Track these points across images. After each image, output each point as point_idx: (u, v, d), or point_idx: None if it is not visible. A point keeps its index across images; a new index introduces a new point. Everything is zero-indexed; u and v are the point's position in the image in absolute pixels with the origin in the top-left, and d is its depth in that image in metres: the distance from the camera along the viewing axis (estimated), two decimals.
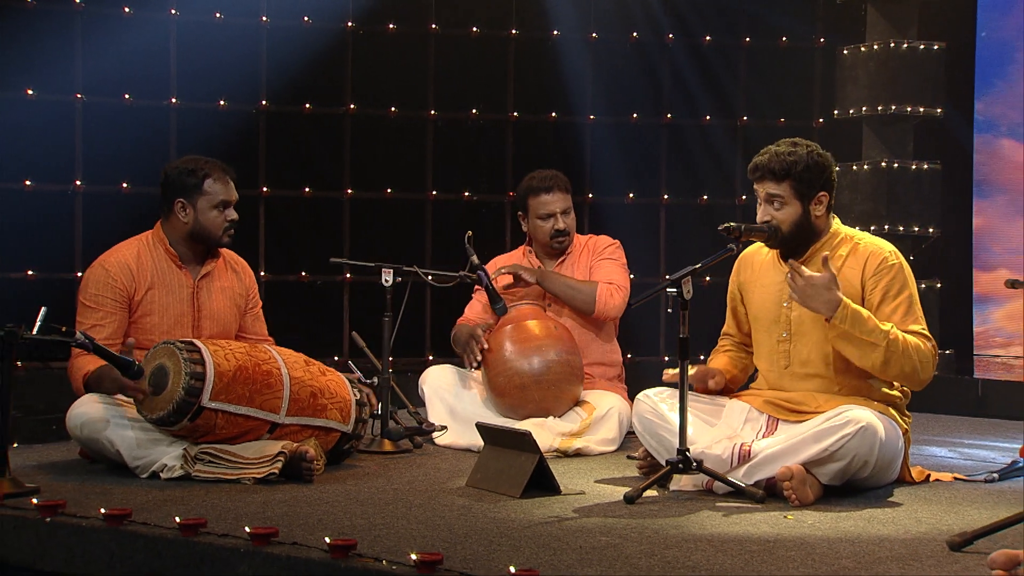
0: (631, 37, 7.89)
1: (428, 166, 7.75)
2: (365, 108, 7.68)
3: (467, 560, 3.39)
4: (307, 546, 3.52)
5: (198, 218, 4.89)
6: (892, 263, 4.46)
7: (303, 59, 7.61)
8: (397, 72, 7.76)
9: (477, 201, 7.78)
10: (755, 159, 4.56)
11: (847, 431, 4.18)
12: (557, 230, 5.67)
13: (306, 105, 7.62)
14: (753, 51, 8.04)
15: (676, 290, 4.29)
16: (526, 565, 3.28)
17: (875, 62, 7.78)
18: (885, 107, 7.74)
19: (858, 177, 7.81)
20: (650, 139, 7.93)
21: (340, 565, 3.41)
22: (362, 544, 3.49)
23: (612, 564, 3.39)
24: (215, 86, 7.53)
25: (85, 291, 4.83)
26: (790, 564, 3.40)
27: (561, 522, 3.92)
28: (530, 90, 7.84)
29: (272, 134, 7.63)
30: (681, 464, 4.24)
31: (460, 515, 3.99)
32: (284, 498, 4.22)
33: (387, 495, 4.32)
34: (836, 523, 3.91)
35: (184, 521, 3.67)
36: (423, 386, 5.49)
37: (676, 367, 4.53)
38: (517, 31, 7.79)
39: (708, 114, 7.96)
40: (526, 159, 7.81)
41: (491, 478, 4.42)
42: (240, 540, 3.57)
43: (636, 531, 3.78)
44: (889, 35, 7.83)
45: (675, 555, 3.48)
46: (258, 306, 5.19)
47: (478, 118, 7.78)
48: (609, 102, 7.88)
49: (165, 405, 4.41)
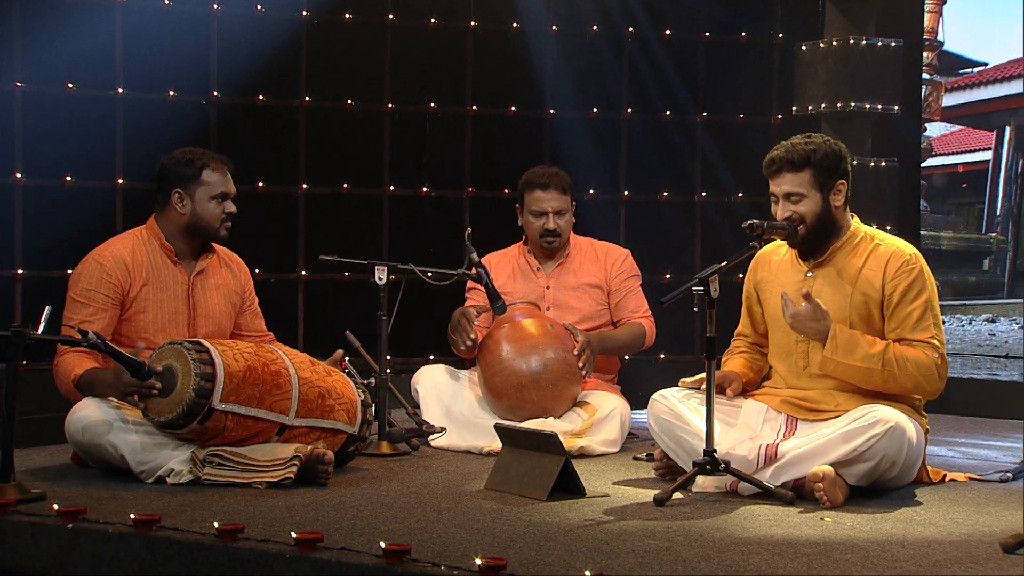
0: (590, 31, 7.89)
1: (385, 160, 7.66)
2: (320, 101, 7.56)
3: (526, 564, 3.37)
4: (357, 551, 3.49)
5: (195, 209, 4.82)
6: (913, 266, 4.51)
7: (256, 49, 7.46)
8: (353, 64, 7.65)
9: (435, 197, 7.71)
10: (770, 154, 4.60)
11: (876, 431, 4.23)
12: (547, 230, 5.66)
13: (259, 97, 7.48)
14: (712, 46, 8.08)
15: (703, 289, 4.30)
16: (585, 569, 3.28)
17: (834, 59, 7.87)
18: (844, 104, 7.83)
19: None
20: (610, 134, 7.93)
21: (396, 571, 3.37)
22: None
23: (674, 567, 3.40)
24: (164, 76, 7.36)
25: (76, 286, 4.73)
26: (851, 567, 3.44)
27: (600, 525, 3.92)
28: (489, 83, 7.79)
29: (223, 126, 7.47)
30: (708, 466, 4.25)
31: (494, 518, 3.97)
32: (306, 502, 4.18)
33: (408, 499, 4.30)
34: (876, 525, 3.96)
35: (223, 526, 3.61)
36: (417, 386, 5.45)
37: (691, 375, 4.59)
38: (476, 23, 7.74)
39: (668, 109, 7.98)
40: (484, 154, 7.79)
41: (513, 480, 4.40)
42: (284, 545, 3.53)
43: (681, 534, 3.79)
44: (848, 32, 7.93)
45: (733, 559, 3.50)
46: (255, 302, 5.14)
47: (436, 111, 7.71)
48: (569, 96, 7.86)
49: (174, 407, 4.32)
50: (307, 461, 4.40)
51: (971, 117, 9.69)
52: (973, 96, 9.57)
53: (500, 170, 7.77)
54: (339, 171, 7.62)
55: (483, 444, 5.20)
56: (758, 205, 8.08)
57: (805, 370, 4.60)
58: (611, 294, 5.67)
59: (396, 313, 5.28)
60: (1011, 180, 9.39)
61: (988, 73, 9.51)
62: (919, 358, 4.38)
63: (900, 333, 4.46)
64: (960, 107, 9.57)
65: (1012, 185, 9.37)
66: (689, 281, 4.34)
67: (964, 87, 9.58)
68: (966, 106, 9.60)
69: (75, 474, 4.63)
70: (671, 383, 4.81)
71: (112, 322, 4.71)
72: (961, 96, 9.63)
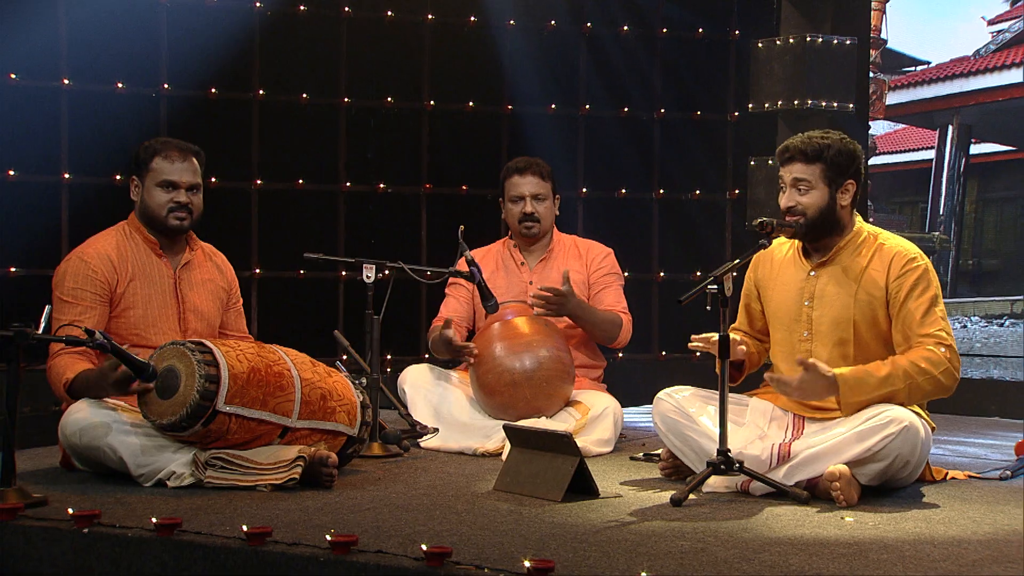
0: (548, 25, 7.89)
1: (341, 156, 7.59)
2: (274, 95, 7.47)
3: (569, 566, 3.37)
4: (395, 554, 3.46)
5: (144, 197, 4.79)
6: (918, 264, 4.56)
7: (207, 41, 7.35)
8: (308, 57, 7.57)
9: (392, 193, 7.66)
10: (786, 142, 4.63)
11: (891, 431, 4.28)
12: (525, 213, 5.67)
13: (211, 90, 7.37)
14: (669, 42, 8.13)
15: (717, 287, 4.32)
16: (628, 570, 3.30)
17: (791, 56, 7.96)
18: (801, 101, 7.93)
19: (774, 172, 7.95)
20: (568, 131, 7.94)
21: (439, 573, 3.34)
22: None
23: (717, 568, 3.42)
24: (111, 67, 7.21)
25: (62, 285, 4.65)
26: (891, 567, 3.46)
27: (626, 526, 3.93)
28: (447, 78, 7.76)
29: (174, 120, 7.34)
30: (723, 465, 4.27)
31: (516, 520, 3.97)
32: (318, 505, 4.15)
33: (421, 500, 4.28)
34: (899, 524, 4.00)
35: (252, 529, 3.56)
36: (404, 386, 5.42)
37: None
38: (433, 16, 7.70)
39: (626, 106, 8.01)
40: (442, 150, 7.75)
41: (524, 482, 4.39)
42: (316, 549, 3.50)
43: (711, 535, 3.81)
44: (803, 29, 8.03)
45: (772, 559, 3.52)
46: (239, 301, 5.09)
47: (393, 106, 7.65)
48: (527, 92, 7.85)
49: (177, 409, 4.25)
50: (311, 463, 4.35)
51: (914, 116, 9.87)
52: (916, 95, 9.74)
53: (458, 167, 7.76)
54: (294, 167, 7.53)
55: (476, 445, 5.19)
56: (714, 203, 8.20)
57: None
58: (590, 288, 5.68)
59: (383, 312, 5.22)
60: (953, 179, 9.58)
61: (931, 72, 9.69)
62: (930, 356, 4.42)
63: (906, 330, 4.50)
64: (903, 105, 9.74)
65: (955, 184, 9.56)
66: (704, 279, 4.34)
67: (907, 85, 9.76)
68: (909, 104, 9.77)
69: (67, 478, 4.56)
70: (656, 382, 4.83)
71: (102, 320, 4.63)
72: (904, 95, 9.80)
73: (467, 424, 5.32)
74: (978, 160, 9.42)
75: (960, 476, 4.82)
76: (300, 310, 7.43)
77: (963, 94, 9.50)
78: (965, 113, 9.54)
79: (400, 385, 5.43)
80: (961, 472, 4.88)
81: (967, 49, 9.40)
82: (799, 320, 4.67)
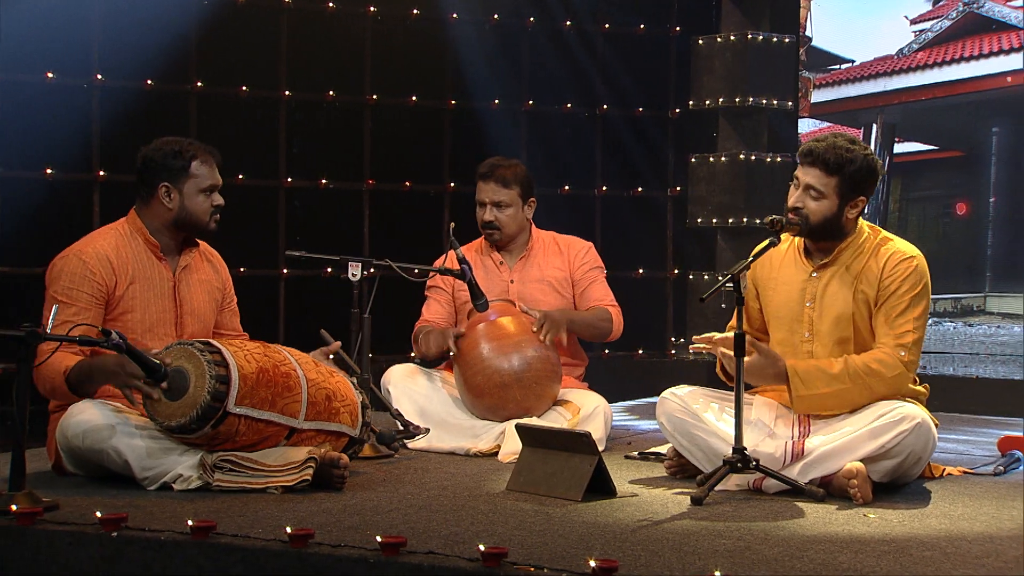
0: (491, 19, 7.91)
1: (281, 151, 7.52)
2: (213, 87, 7.38)
3: (629, 566, 3.39)
4: (445, 554, 3.46)
5: (184, 203, 4.68)
6: (912, 265, 4.63)
7: (143, 31, 7.23)
8: (248, 49, 7.49)
9: (334, 189, 7.60)
10: (810, 144, 4.66)
11: (904, 427, 4.38)
12: (484, 221, 5.68)
13: (147, 82, 7.23)
14: (610, 38, 8.20)
15: (734, 285, 4.37)
16: (679, 570, 3.35)
17: (731, 53, 8.10)
18: (742, 99, 8.07)
19: (715, 169, 8.11)
20: (511, 126, 7.96)
21: (497, 574, 3.34)
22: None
23: (772, 567, 3.48)
24: (41, 56, 7.04)
25: (56, 284, 4.55)
26: (938, 564, 3.53)
27: (658, 525, 3.97)
28: (389, 72, 7.73)
29: (107, 112, 7.20)
30: (740, 463, 4.32)
31: (545, 520, 3.99)
32: (338, 507, 4.14)
33: (440, 501, 4.30)
34: (924, 521, 4.10)
35: (295, 531, 3.54)
36: (388, 386, 5.40)
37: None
38: (375, 8, 7.66)
39: (569, 102, 8.07)
40: (385, 144, 7.72)
41: (540, 481, 4.41)
42: (363, 550, 3.49)
43: (748, 533, 3.88)
44: (743, 26, 8.17)
45: (820, 557, 3.59)
46: (234, 300, 5.04)
47: (335, 100, 7.60)
48: (471, 87, 7.86)
49: (187, 411, 4.19)
50: (322, 464, 4.33)
51: (838, 114, 10.06)
52: (840, 93, 9.92)
53: (401, 161, 7.74)
54: (233, 161, 7.38)
55: (468, 445, 5.19)
56: (654, 200, 8.30)
57: None
58: (575, 285, 5.71)
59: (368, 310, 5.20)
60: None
61: (855, 70, 9.88)
62: (883, 359, 4.51)
63: (880, 325, 4.58)
64: (828, 104, 9.91)
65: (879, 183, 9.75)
66: (723, 277, 4.39)
67: (831, 84, 9.94)
68: (833, 103, 9.95)
69: (61, 482, 4.45)
70: (644, 382, 4.87)
71: (96, 322, 4.53)
72: (828, 93, 9.98)
73: (454, 424, 5.32)
74: (901, 159, 9.62)
75: (956, 472, 4.95)
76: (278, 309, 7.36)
77: (886, 93, 9.71)
78: (889, 112, 9.74)
79: (384, 385, 5.40)
80: (957, 468, 5.00)
81: (891, 48, 9.61)
82: (800, 321, 4.73)
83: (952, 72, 9.52)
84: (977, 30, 9.51)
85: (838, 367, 4.51)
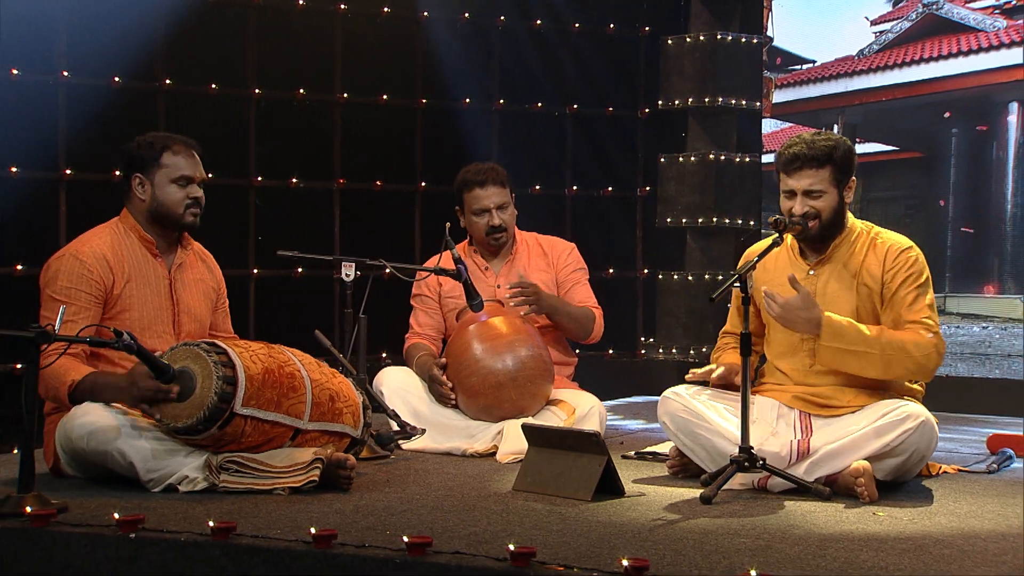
0: (461, 18, 7.91)
1: (251, 149, 7.47)
2: (182, 85, 7.31)
3: (659, 565, 3.42)
4: (472, 554, 3.49)
5: (156, 194, 4.70)
6: (911, 255, 4.73)
7: (111, 28, 7.14)
8: (217, 46, 7.43)
9: (304, 188, 7.56)
10: (790, 151, 4.72)
11: (908, 426, 4.45)
12: (492, 226, 5.68)
13: (115, 79, 7.15)
14: (581, 37, 8.23)
15: (741, 285, 4.42)
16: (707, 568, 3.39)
17: (700, 53, 8.15)
18: (712, 99, 8.12)
19: (684, 169, 8.16)
20: (482, 126, 7.97)
21: (527, 574, 3.35)
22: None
23: (795, 564, 3.52)
24: (6, 52, 6.94)
25: (54, 283, 4.52)
26: (960, 562, 3.59)
27: (673, 524, 4.01)
28: (359, 70, 7.71)
29: (73, 109, 7.10)
30: (747, 462, 4.36)
31: (561, 520, 4.03)
32: (349, 507, 4.15)
33: (452, 502, 4.32)
34: (933, 519, 4.16)
35: (320, 532, 3.56)
36: (381, 388, 5.40)
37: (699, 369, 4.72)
38: (345, 6, 7.64)
39: (539, 101, 8.08)
40: (356, 143, 7.70)
41: (548, 481, 4.43)
42: (388, 550, 3.50)
43: (765, 531, 3.92)
44: (712, 27, 8.23)
45: (840, 554, 3.64)
46: (226, 302, 5.00)
47: (305, 98, 7.56)
48: (442, 85, 7.86)
49: (194, 412, 4.18)
50: (328, 465, 4.33)
51: (800, 115, 10.19)
52: (801, 93, 10.06)
53: (372, 160, 7.71)
54: (203, 159, 7.34)
55: (464, 446, 5.21)
56: (625, 200, 8.34)
57: (812, 368, 4.77)
58: (559, 287, 5.73)
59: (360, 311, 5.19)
60: None
61: (816, 71, 10.02)
62: (916, 339, 4.60)
63: (895, 315, 4.66)
64: (789, 104, 10.04)
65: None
66: (729, 277, 4.44)
67: (793, 84, 10.07)
68: (795, 103, 10.08)
69: (60, 484, 4.42)
70: (616, 382, 4.89)
71: (95, 321, 4.48)
72: (790, 93, 10.11)
73: (449, 425, 5.33)
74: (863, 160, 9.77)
75: (951, 470, 5.02)
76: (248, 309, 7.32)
77: (847, 93, 9.86)
78: (850, 112, 9.90)
79: (376, 386, 5.40)
80: (951, 467, 5.07)
81: (851, 49, 9.76)
82: None
83: (912, 73, 9.68)
84: (937, 31, 9.67)
85: (874, 332, 4.57)
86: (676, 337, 8.19)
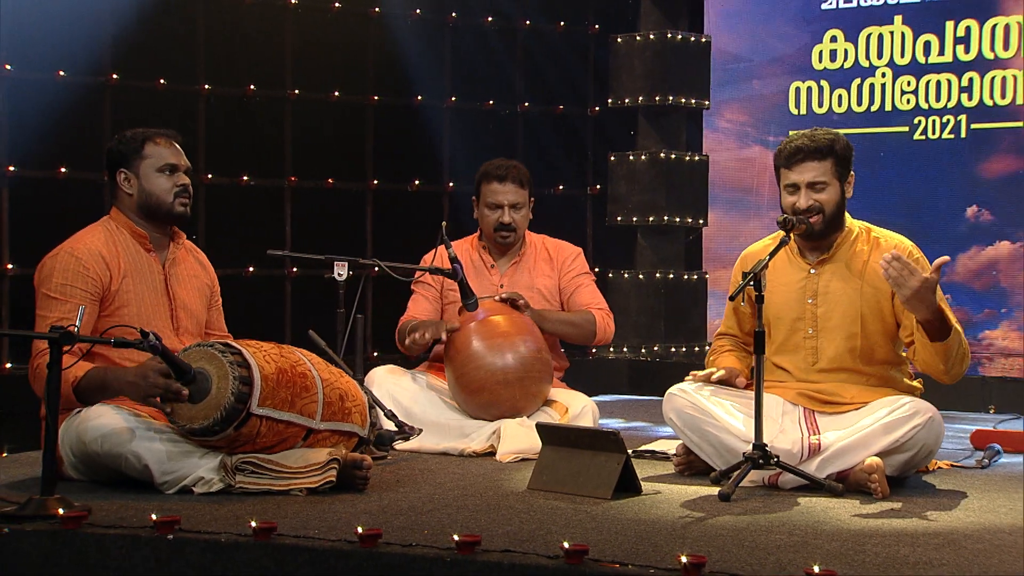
0: (413, 14, 7.90)
1: (200, 146, 7.39)
2: (130, 80, 7.22)
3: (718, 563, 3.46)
4: (522, 552, 3.51)
5: (143, 185, 4.69)
6: (917, 256, 4.81)
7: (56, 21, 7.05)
8: (166, 41, 7.36)
9: (255, 186, 7.50)
10: (792, 145, 4.78)
11: (917, 422, 4.54)
12: (502, 223, 5.69)
13: (59, 72, 7.03)
14: (532, 35, 8.27)
15: (754, 284, 4.46)
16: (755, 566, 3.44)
17: (650, 52, 8.23)
18: (662, 97, 8.20)
19: (635, 167, 8.24)
20: (435, 123, 7.97)
21: (582, 571, 3.38)
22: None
23: (838, 559, 3.57)
24: None
25: (49, 281, 4.48)
26: (998, 556, 3.67)
27: (702, 522, 4.06)
28: (311, 66, 7.67)
29: (17, 104, 6.99)
30: (761, 459, 4.41)
31: (590, 518, 4.06)
32: (369, 508, 4.15)
33: (471, 501, 4.33)
34: (951, 514, 4.23)
35: (366, 531, 3.56)
36: (371, 387, 5.35)
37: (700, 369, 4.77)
38: (295, 1, 7.58)
39: (491, 98, 8.10)
40: (307, 141, 7.66)
41: (566, 480, 4.45)
42: (437, 549, 3.51)
43: (796, 528, 3.99)
44: (662, 25, 8.31)
45: (879, 551, 3.70)
46: (220, 300, 4.97)
47: (255, 95, 7.49)
48: (393, 82, 7.84)
49: (211, 413, 4.16)
50: (344, 465, 4.33)
51: None
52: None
53: (323, 158, 7.68)
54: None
55: (461, 445, 5.22)
56: (574, 199, 8.39)
57: (815, 365, 4.85)
58: (562, 291, 5.76)
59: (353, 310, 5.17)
60: None
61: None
62: (962, 339, 4.68)
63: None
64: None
65: None
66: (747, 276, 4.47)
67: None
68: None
69: (72, 487, 4.32)
70: (614, 380, 4.93)
71: (92, 319, 4.42)
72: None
73: (443, 424, 5.33)
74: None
75: (945, 466, 5.13)
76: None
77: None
78: None
79: (367, 386, 5.34)
80: (944, 463, 5.17)
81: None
82: (803, 318, 4.85)
83: None
84: None
85: (954, 319, 4.58)
86: (627, 336, 8.25)
